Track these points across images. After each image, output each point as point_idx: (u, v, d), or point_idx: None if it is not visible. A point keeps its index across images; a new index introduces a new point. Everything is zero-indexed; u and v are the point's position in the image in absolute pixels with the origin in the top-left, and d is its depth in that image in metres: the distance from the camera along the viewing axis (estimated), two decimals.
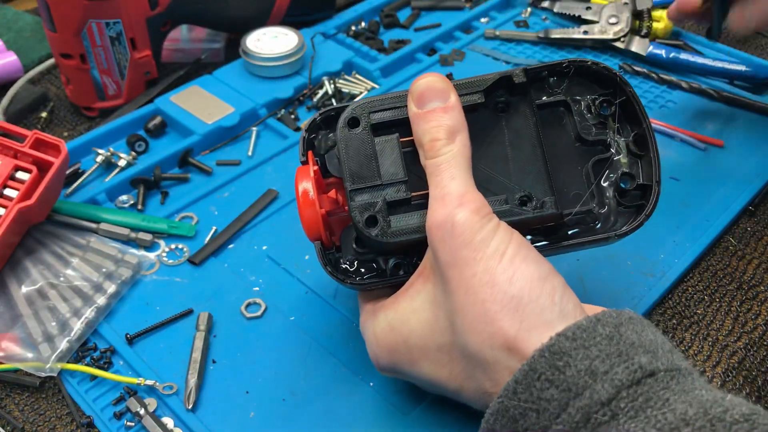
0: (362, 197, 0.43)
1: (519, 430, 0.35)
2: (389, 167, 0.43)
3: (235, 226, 0.63)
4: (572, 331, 0.35)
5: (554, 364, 0.34)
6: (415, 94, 0.43)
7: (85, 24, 0.70)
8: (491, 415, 0.36)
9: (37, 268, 0.58)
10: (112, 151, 0.69)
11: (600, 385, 0.33)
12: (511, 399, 0.35)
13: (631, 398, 0.32)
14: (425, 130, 0.42)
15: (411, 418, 0.49)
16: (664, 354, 0.35)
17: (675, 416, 0.31)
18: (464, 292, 0.38)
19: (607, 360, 0.34)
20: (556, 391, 0.34)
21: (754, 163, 0.68)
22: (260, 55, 0.77)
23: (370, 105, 0.44)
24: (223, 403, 0.50)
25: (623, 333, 0.35)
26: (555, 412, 0.33)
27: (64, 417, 0.51)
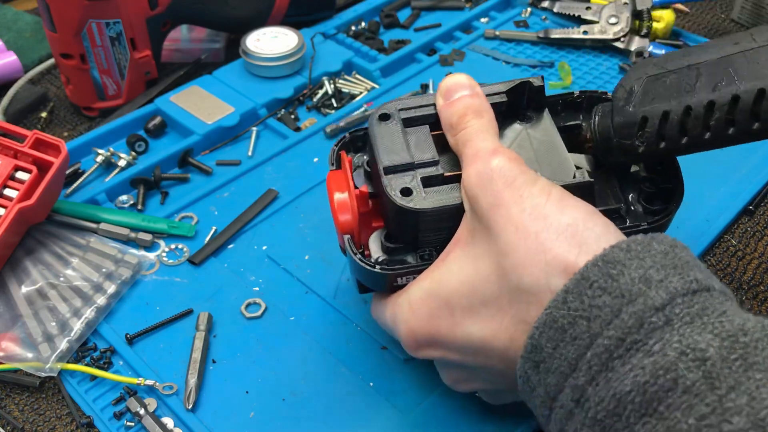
0: (396, 174, 0.43)
1: (567, 340, 0.34)
2: (421, 151, 0.44)
3: (235, 226, 0.63)
4: (627, 243, 0.34)
5: (607, 272, 0.33)
6: (442, 90, 0.45)
7: (85, 24, 0.70)
8: (536, 329, 0.35)
9: (37, 268, 0.58)
10: (112, 151, 0.69)
11: (654, 291, 0.32)
12: (560, 309, 0.34)
13: (686, 305, 0.32)
14: (452, 112, 0.43)
15: (411, 418, 0.49)
16: (716, 282, 0.35)
17: (733, 325, 0.31)
18: (514, 229, 0.37)
19: (662, 270, 0.33)
20: (608, 298, 0.33)
21: (754, 163, 0.68)
22: (260, 55, 0.77)
23: (400, 103, 0.46)
24: (223, 403, 0.50)
25: (678, 253, 0.35)
26: (607, 319, 0.33)
27: (64, 417, 0.51)
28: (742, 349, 0.30)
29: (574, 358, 0.33)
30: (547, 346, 0.34)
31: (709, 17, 0.92)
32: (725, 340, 0.31)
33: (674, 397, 0.30)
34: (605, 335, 0.32)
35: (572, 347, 0.33)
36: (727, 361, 0.30)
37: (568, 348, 0.34)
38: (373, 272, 0.44)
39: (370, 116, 0.46)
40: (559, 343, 0.34)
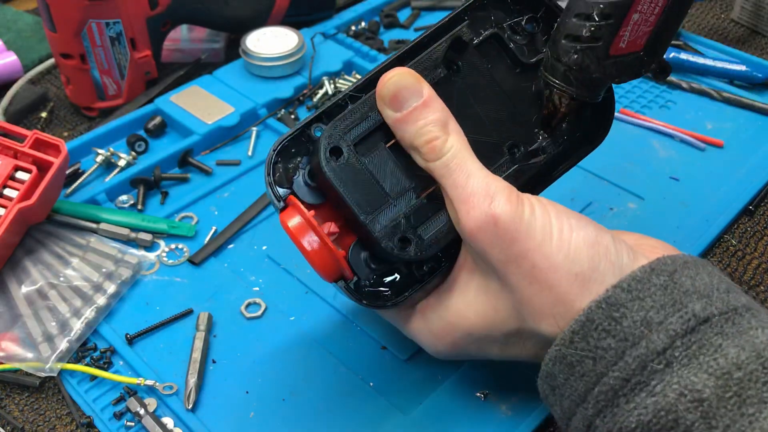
0: (381, 222, 0.41)
1: (576, 375, 0.36)
2: (391, 181, 0.42)
3: (235, 226, 0.63)
4: (627, 283, 0.36)
5: (611, 315, 0.35)
6: (387, 99, 0.41)
7: (85, 24, 0.70)
8: (550, 360, 0.38)
9: (37, 268, 0.58)
10: (112, 151, 0.69)
11: (656, 335, 0.34)
12: (567, 347, 0.36)
13: (685, 347, 0.34)
14: (415, 133, 0.40)
15: (411, 418, 0.49)
16: (719, 296, 0.36)
17: (726, 361, 0.33)
18: (529, 283, 0.38)
19: (661, 311, 0.35)
20: (613, 341, 0.35)
21: (754, 163, 0.68)
22: (260, 55, 0.77)
23: (342, 126, 0.42)
24: (223, 403, 0.50)
25: (677, 280, 0.36)
26: (612, 360, 0.35)
27: (64, 417, 0.51)
28: (737, 385, 0.33)
29: (583, 391, 0.36)
30: (560, 377, 0.37)
31: (709, 17, 0.92)
32: (720, 379, 0.33)
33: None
34: (611, 375, 0.35)
35: (581, 382, 0.36)
36: (722, 400, 0.33)
37: (578, 382, 0.36)
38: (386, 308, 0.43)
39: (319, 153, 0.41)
40: (569, 377, 0.37)
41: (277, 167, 0.43)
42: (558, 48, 0.41)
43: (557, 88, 0.42)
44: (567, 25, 0.41)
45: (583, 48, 0.40)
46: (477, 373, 0.51)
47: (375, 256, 0.43)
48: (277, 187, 0.43)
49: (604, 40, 0.40)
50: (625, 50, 0.40)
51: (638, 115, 0.74)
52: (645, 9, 0.39)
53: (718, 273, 0.38)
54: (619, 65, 0.41)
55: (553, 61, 0.42)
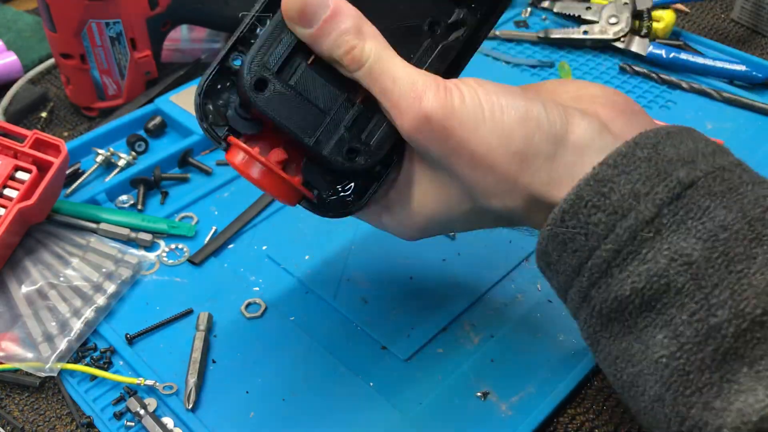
0: (325, 141, 0.41)
1: (568, 251, 0.38)
2: (323, 97, 0.41)
3: (235, 226, 0.63)
4: (613, 159, 0.36)
5: (599, 190, 0.36)
6: (295, 17, 0.39)
7: (85, 24, 0.70)
8: (543, 239, 0.39)
9: (37, 268, 0.58)
10: (112, 151, 0.69)
11: (643, 206, 0.35)
12: (559, 226, 0.37)
13: (672, 213, 0.35)
14: (331, 46, 0.39)
15: (411, 418, 0.49)
16: (704, 159, 0.37)
17: (713, 224, 0.35)
18: (471, 170, 0.39)
19: (647, 182, 0.36)
20: (603, 215, 0.36)
21: (754, 163, 0.68)
22: None
23: (259, 56, 0.40)
24: (223, 403, 0.50)
25: (661, 151, 0.37)
26: (603, 234, 0.36)
27: (64, 417, 0.51)
28: (723, 245, 0.34)
29: (577, 265, 0.37)
30: (554, 254, 0.39)
31: (709, 17, 0.92)
32: (707, 241, 0.34)
33: (668, 297, 0.35)
34: (603, 248, 0.36)
35: (574, 257, 0.37)
36: (710, 261, 0.34)
37: (571, 257, 0.38)
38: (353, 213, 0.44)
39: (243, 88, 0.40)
40: (562, 253, 0.38)
41: (208, 109, 0.42)
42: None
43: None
44: None
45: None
46: (477, 373, 0.51)
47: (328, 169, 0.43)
48: (215, 129, 0.42)
49: None
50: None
51: None
52: None
53: (704, 138, 0.39)
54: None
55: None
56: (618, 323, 0.37)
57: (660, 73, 0.78)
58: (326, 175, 0.43)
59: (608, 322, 0.37)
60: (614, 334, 0.37)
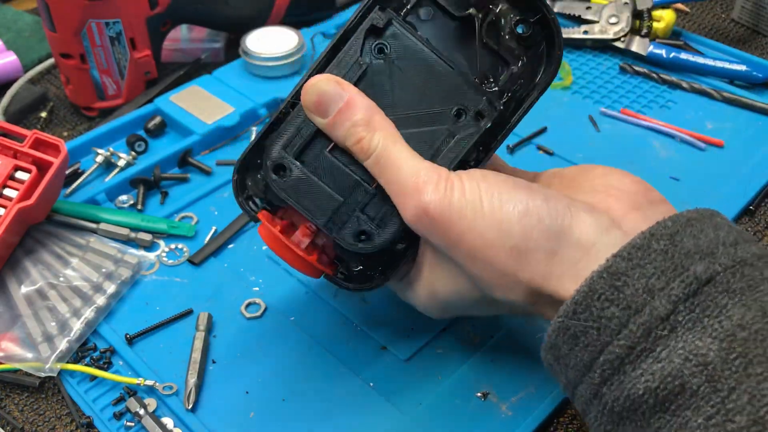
0: (339, 224, 0.43)
1: (580, 345, 0.36)
2: (339, 181, 0.43)
3: (235, 226, 0.63)
4: (627, 251, 0.36)
5: (613, 284, 0.35)
6: (312, 107, 0.42)
7: (84, 24, 0.70)
8: (553, 332, 0.38)
9: (37, 268, 0.58)
10: (111, 151, 0.69)
11: (658, 302, 0.34)
12: (570, 318, 0.36)
13: (688, 310, 0.34)
14: (343, 136, 0.42)
15: (411, 418, 0.49)
16: (725, 251, 0.36)
17: (731, 323, 0.33)
18: (471, 263, 0.40)
19: (662, 276, 0.35)
20: (616, 309, 0.35)
21: (754, 163, 0.68)
22: (260, 55, 0.77)
23: (281, 142, 0.43)
24: (223, 403, 0.50)
25: (678, 242, 0.36)
26: (616, 329, 0.35)
27: (63, 417, 0.50)
28: (741, 346, 0.32)
29: (588, 361, 0.36)
30: (564, 347, 0.37)
31: (709, 17, 0.92)
32: (723, 341, 0.33)
33: (683, 399, 0.33)
34: (616, 344, 0.35)
35: (586, 352, 0.36)
36: (726, 362, 0.32)
37: (582, 352, 0.36)
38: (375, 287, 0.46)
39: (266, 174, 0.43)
40: (573, 347, 0.37)
41: (245, 183, 0.46)
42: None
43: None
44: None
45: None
46: (477, 373, 0.51)
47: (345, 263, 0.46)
48: (249, 204, 0.46)
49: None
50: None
51: (638, 115, 0.74)
52: None
53: (727, 224, 0.38)
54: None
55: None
56: (630, 423, 0.35)
57: (660, 73, 0.78)
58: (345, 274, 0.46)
59: (620, 421, 0.36)
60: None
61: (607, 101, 0.77)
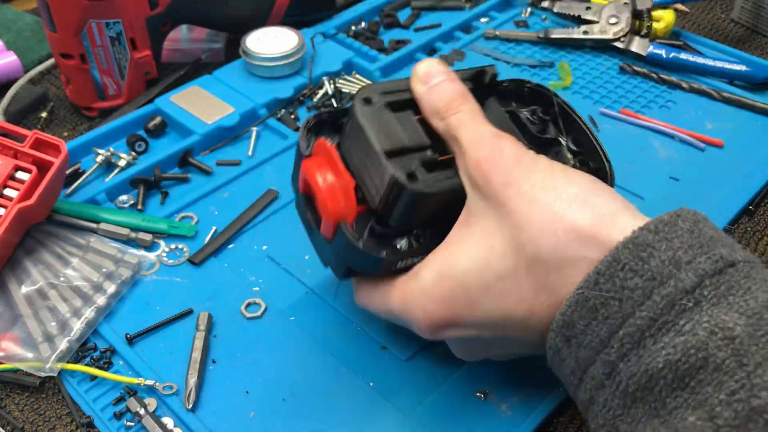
0: (395, 159, 0.42)
1: (599, 319, 0.35)
2: (412, 134, 0.44)
3: (235, 226, 0.63)
4: (654, 225, 0.36)
5: (638, 254, 0.35)
6: (420, 75, 0.45)
7: (85, 24, 0.70)
8: (569, 307, 0.36)
9: (37, 268, 0.58)
10: (112, 151, 0.69)
11: (684, 274, 0.34)
12: (591, 289, 0.36)
13: (714, 286, 0.34)
14: (437, 98, 0.44)
15: (411, 418, 0.49)
16: (740, 248, 0.36)
17: (757, 303, 0.33)
18: (527, 203, 0.39)
19: (689, 251, 0.35)
20: (640, 280, 0.35)
21: (754, 163, 0.68)
22: (260, 55, 0.77)
23: (379, 87, 0.45)
24: (223, 403, 0.50)
25: (702, 228, 0.36)
26: (639, 300, 0.34)
27: (64, 417, 0.51)
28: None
29: (606, 335, 0.35)
30: (579, 323, 0.36)
31: (709, 17, 0.92)
32: (751, 318, 0.32)
33: (705, 374, 0.32)
34: (638, 315, 0.34)
35: (604, 326, 0.35)
36: (753, 338, 0.32)
37: (601, 326, 0.35)
38: (376, 258, 0.43)
39: (353, 101, 0.44)
40: (591, 321, 0.36)
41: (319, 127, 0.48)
42: None
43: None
44: None
45: None
46: (477, 373, 0.51)
47: (379, 217, 0.44)
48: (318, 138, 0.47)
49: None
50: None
51: (638, 115, 0.74)
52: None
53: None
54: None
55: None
56: (643, 404, 0.34)
57: (660, 73, 0.78)
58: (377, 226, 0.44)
59: (632, 403, 0.34)
60: (637, 418, 0.34)
61: (607, 101, 0.77)
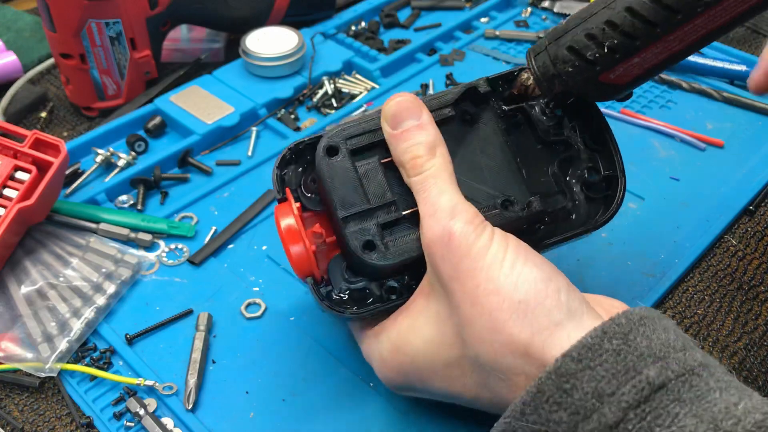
0: (355, 223, 0.43)
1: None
2: (375, 190, 0.44)
3: (235, 226, 0.63)
4: (577, 351, 0.34)
5: (561, 386, 0.34)
6: (388, 116, 0.43)
7: (84, 24, 0.70)
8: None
9: (37, 268, 0.58)
10: (111, 151, 0.69)
11: (607, 408, 0.33)
12: (518, 420, 0.35)
13: (639, 418, 0.32)
14: (404, 149, 0.42)
15: (411, 418, 0.49)
16: (675, 357, 0.34)
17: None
18: (470, 304, 0.38)
19: (613, 380, 0.33)
20: (564, 414, 0.34)
21: (754, 163, 0.68)
22: (260, 55, 0.77)
23: (345, 132, 0.44)
24: (223, 403, 0.50)
25: (632, 342, 0.34)
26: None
27: (63, 417, 0.50)
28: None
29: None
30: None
31: None
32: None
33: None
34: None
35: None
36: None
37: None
38: (343, 316, 0.44)
39: (317, 149, 0.44)
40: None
41: (290, 167, 0.47)
42: (558, 52, 0.43)
43: (537, 83, 0.45)
44: (575, 38, 0.43)
45: (580, 66, 0.43)
46: None
47: (349, 267, 0.45)
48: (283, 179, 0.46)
49: (601, 67, 0.42)
50: (611, 80, 0.43)
51: (638, 115, 0.74)
52: (646, 57, 0.42)
53: (674, 327, 0.37)
54: (600, 89, 0.44)
55: (546, 59, 0.44)
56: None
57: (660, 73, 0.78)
58: (347, 274, 0.45)
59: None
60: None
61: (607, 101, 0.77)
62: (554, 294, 0.37)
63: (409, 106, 0.43)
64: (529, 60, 0.45)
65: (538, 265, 0.38)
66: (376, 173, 0.44)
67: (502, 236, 0.40)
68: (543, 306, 0.37)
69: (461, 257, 0.38)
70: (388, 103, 0.43)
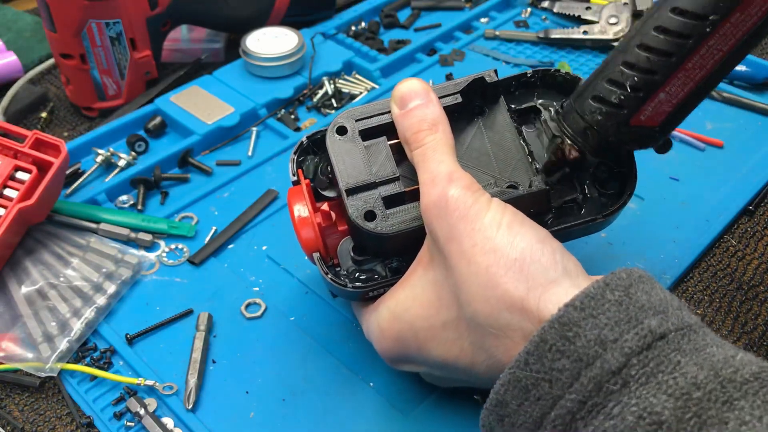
0: (358, 195, 0.44)
1: (531, 399, 0.35)
2: (380, 167, 0.45)
3: (235, 226, 0.63)
4: (580, 300, 0.35)
5: (564, 334, 0.34)
6: (396, 98, 0.45)
7: (85, 24, 0.70)
8: (502, 386, 0.36)
9: (37, 268, 0.58)
10: (112, 151, 0.69)
11: (610, 354, 0.33)
12: (522, 370, 0.35)
13: (641, 364, 0.33)
14: (408, 125, 0.44)
15: (411, 418, 0.49)
16: (673, 312, 0.35)
17: (686, 380, 0.32)
18: (467, 263, 0.38)
19: (616, 327, 0.34)
20: (567, 362, 0.34)
21: (754, 163, 0.68)
22: (260, 55, 0.77)
23: (355, 114, 0.46)
24: (223, 403, 0.50)
25: (633, 295, 0.35)
26: (567, 382, 0.34)
27: (64, 417, 0.51)
28: (696, 405, 0.31)
29: (539, 416, 0.35)
30: (512, 403, 0.36)
31: None
32: (679, 400, 0.32)
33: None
34: (567, 398, 0.34)
35: (536, 406, 0.35)
36: (682, 421, 0.31)
37: (533, 407, 0.35)
38: (345, 290, 0.45)
39: (327, 129, 0.46)
40: (523, 402, 0.35)
41: (308, 156, 0.49)
42: (584, 105, 0.44)
43: (572, 141, 0.45)
44: (597, 87, 0.43)
45: (608, 111, 0.43)
46: None
47: (357, 246, 0.46)
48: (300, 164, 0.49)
49: (629, 109, 0.42)
50: (643, 122, 0.43)
51: None
52: (671, 91, 0.42)
53: (667, 291, 0.37)
54: (634, 135, 0.44)
55: (575, 116, 0.44)
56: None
57: None
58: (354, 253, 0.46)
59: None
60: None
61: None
62: (550, 254, 0.38)
63: (416, 89, 0.44)
64: (559, 123, 0.46)
65: (534, 228, 0.39)
66: (382, 152, 0.45)
67: (499, 203, 0.40)
68: (539, 263, 0.37)
69: (458, 219, 0.39)
70: (398, 85, 0.45)
